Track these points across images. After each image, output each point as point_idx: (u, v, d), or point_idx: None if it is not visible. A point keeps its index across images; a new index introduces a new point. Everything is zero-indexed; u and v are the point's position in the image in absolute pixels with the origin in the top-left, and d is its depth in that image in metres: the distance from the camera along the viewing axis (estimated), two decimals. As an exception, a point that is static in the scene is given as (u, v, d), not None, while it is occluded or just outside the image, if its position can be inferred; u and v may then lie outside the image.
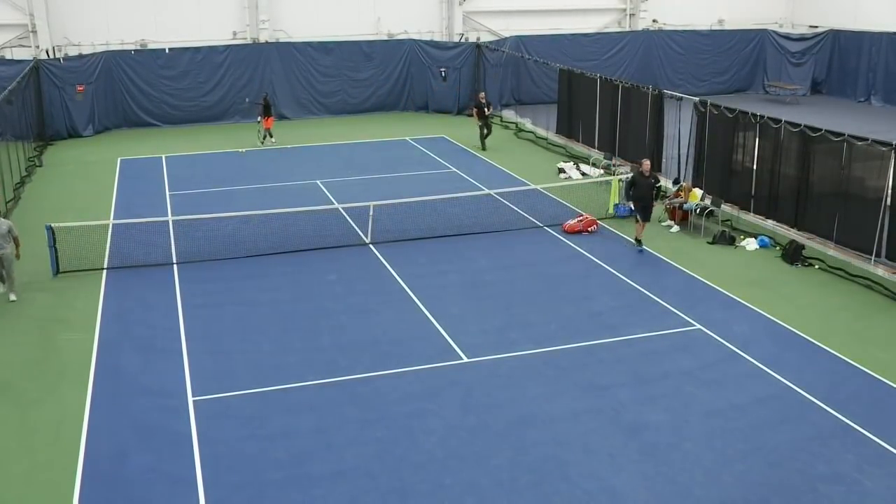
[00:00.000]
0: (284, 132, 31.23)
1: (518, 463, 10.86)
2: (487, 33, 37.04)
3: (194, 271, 17.62)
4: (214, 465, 10.83)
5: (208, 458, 10.97)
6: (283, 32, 34.49)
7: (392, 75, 35.58)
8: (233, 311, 15.64)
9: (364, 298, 16.22)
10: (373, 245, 19.03)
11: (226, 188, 24.04)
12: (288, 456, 11.03)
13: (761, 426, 11.68)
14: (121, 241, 19.12)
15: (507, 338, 14.44)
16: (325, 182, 24.51)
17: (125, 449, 11.23)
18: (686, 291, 16.50)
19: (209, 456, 11.03)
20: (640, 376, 13.12)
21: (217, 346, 14.26)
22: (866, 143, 17.56)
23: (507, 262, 18.11)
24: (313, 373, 13.23)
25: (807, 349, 14.05)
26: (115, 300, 16.21)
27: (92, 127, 31.76)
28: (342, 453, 11.10)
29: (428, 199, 21.03)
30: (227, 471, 10.72)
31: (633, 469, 10.74)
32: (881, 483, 10.42)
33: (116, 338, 14.60)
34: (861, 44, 36.88)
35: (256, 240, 19.09)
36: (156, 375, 13.22)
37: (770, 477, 10.55)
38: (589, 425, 11.74)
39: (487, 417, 11.95)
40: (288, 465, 10.85)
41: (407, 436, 11.48)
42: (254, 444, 11.30)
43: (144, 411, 12.18)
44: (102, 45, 32.21)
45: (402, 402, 12.40)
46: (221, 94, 33.60)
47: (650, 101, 24.73)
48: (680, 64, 38.99)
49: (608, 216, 21.14)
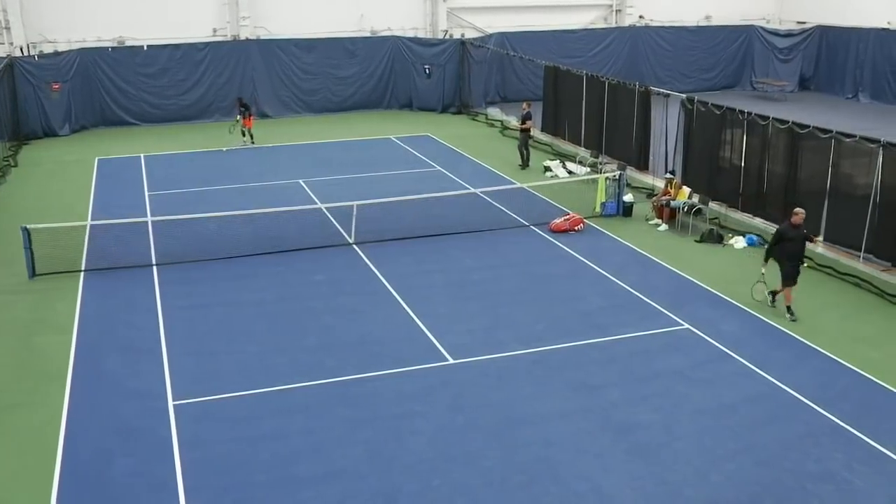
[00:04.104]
0: (266, 131, 31.17)
1: (508, 463, 10.95)
2: (472, 30, 37.14)
3: (175, 272, 17.59)
4: (199, 469, 10.84)
5: (192, 462, 10.98)
6: (264, 29, 34.44)
7: (375, 73, 35.58)
8: (216, 313, 15.64)
9: (349, 299, 16.26)
10: (357, 245, 19.06)
11: (206, 188, 23.99)
12: (274, 458, 11.07)
13: (751, 425, 11.82)
14: (99, 242, 19.03)
15: (495, 338, 14.52)
16: (308, 181, 24.50)
17: (105, 453, 11.22)
18: (674, 290, 16.64)
19: (193, 459, 11.04)
20: (629, 376, 13.24)
21: (200, 347, 14.26)
22: (854, 139, 17.77)
23: (493, 262, 18.19)
24: (300, 374, 13.27)
25: (796, 348, 14.22)
26: (94, 302, 16.17)
27: (68, 126, 31.57)
28: (330, 455, 11.15)
29: (412, 198, 21.07)
30: (211, 474, 10.74)
31: (624, 469, 10.85)
32: (871, 482, 10.57)
33: (96, 340, 14.57)
34: (849, 40, 37.21)
35: (239, 240, 19.07)
36: (137, 378, 13.21)
37: (760, 476, 10.68)
38: (579, 425, 11.84)
39: (477, 418, 12.03)
40: (274, 467, 10.88)
41: (395, 437, 11.54)
42: (239, 447, 11.32)
43: (125, 414, 12.17)
44: (79, 42, 32.03)
45: (390, 403, 12.46)
46: (201, 93, 33.47)
47: (637, 98, 24.89)
48: (667, 60, 39.18)
49: (595, 215, 21.25)
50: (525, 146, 26.29)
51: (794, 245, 15.28)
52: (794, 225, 15.27)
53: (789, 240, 15.28)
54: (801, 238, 15.36)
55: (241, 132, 29.50)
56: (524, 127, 26.32)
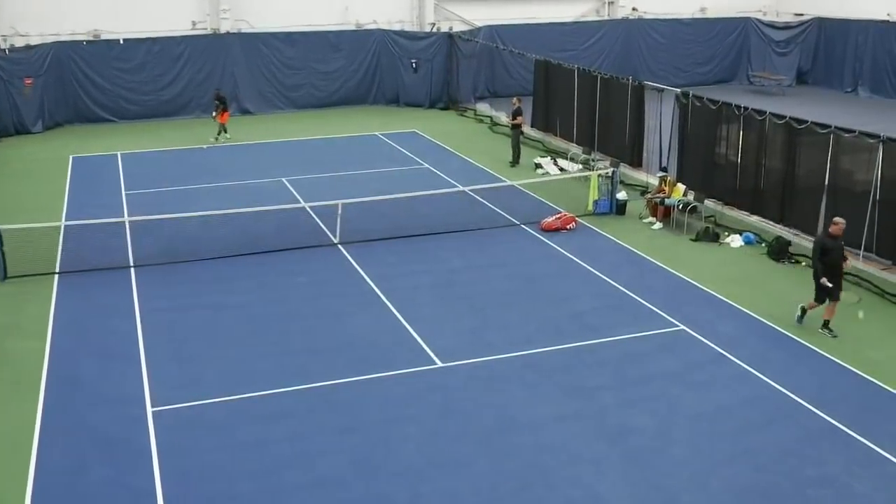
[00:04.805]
0: (247, 128, 31.15)
1: (499, 470, 10.98)
2: (460, 23, 37.16)
3: (154, 274, 17.55)
4: (179, 478, 10.82)
5: (172, 471, 10.96)
6: (245, 22, 34.34)
7: (361, 67, 35.55)
8: (196, 316, 15.62)
9: (334, 301, 16.26)
10: (342, 245, 19.06)
11: (186, 187, 23.93)
12: (258, 466, 11.06)
13: (748, 429, 11.89)
14: (74, 243, 18.97)
15: (484, 340, 14.55)
16: (291, 180, 24.48)
17: (81, 462, 11.18)
18: (669, 291, 16.71)
19: (173, 468, 11.02)
20: (623, 379, 13.30)
21: (180, 352, 14.24)
22: (854, 135, 17.89)
23: (482, 262, 18.23)
24: (284, 379, 13.25)
25: (794, 349, 14.30)
26: (68, 305, 16.12)
27: (41, 123, 31.41)
28: (316, 462, 11.16)
29: (399, 196, 21.07)
30: (192, 483, 10.73)
31: (618, 475, 10.89)
32: (871, 486, 10.65)
33: (71, 345, 14.52)
34: (848, 32, 37.40)
35: (219, 241, 19.03)
36: (114, 384, 13.17)
37: (758, 481, 10.75)
38: (572, 430, 11.88)
39: (466, 423, 12.06)
40: (258, 475, 10.88)
41: (383, 443, 11.56)
42: (222, 455, 11.31)
43: (102, 422, 12.13)
44: (52, 36, 31.83)
45: (377, 408, 12.47)
46: (180, 88, 33.36)
47: (630, 92, 24.97)
48: (661, 54, 39.30)
49: (587, 213, 21.32)
50: (516, 143, 26.34)
51: (834, 257, 14.53)
52: (834, 235, 14.63)
53: (829, 252, 14.53)
54: (840, 249, 14.64)
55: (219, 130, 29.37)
56: (515, 123, 26.38)
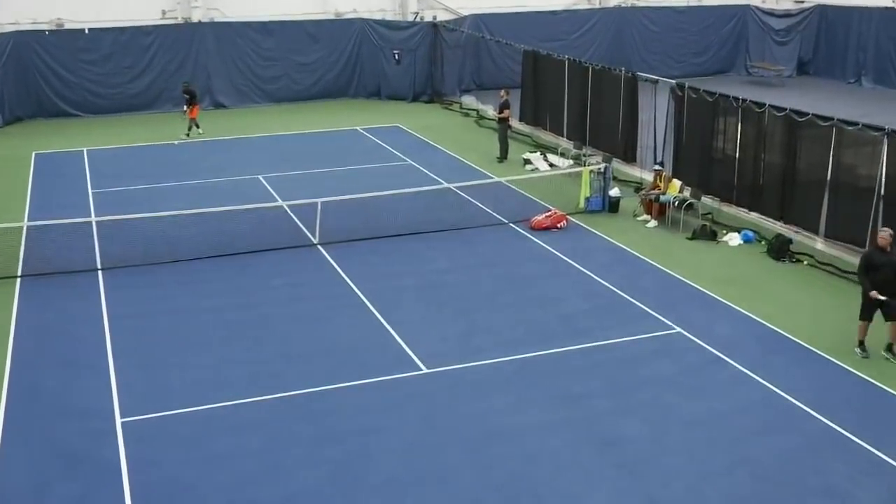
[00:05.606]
0: (222, 122, 31.04)
1: (485, 482, 10.94)
2: (444, 11, 37.13)
3: (122, 277, 17.46)
4: (148, 493, 10.74)
5: (141, 485, 10.88)
6: (218, 11, 34.24)
7: (341, 58, 35.53)
8: (166, 321, 15.54)
9: (312, 305, 16.22)
10: (321, 246, 19.02)
11: (156, 185, 23.84)
12: (231, 480, 10.99)
13: (747, 436, 11.90)
14: (37, 245, 18.85)
15: (471, 345, 14.53)
16: (268, 177, 24.42)
17: (44, 479, 11.07)
18: (664, 292, 16.73)
19: (142, 482, 10.94)
20: (615, 384, 13.29)
21: (149, 360, 14.15)
22: (857, 127, 17.94)
23: (468, 262, 18.22)
24: (258, 388, 13.19)
25: (795, 352, 14.33)
26: (30, 311, 16.01)
27: (1, 117, 31.20)
28: (292, 475, 11.10)
29: (381, 194, 21.02)
30: (162, 498, 10.65)
31: (610, 485, 10.87)
32: (875, 494, 10.66)
33: (34, 353, 14.41)
34: (850, 20, 37.59)
35: (192, 242, 18.95)
36: (79, 395, 13.09)
37: (757, 491, 10.74)
38: (561, 438, 11.86)
39: (450, 433, 12.03)
40: (231, 489, 10.81)
41: (362, 455, 11.51)
42: (192, 468, 11.24)
43: (67, 435, 12.03)
44: (12, 25, 31.57)
45: (356, 417, 12.42)
46: (150, 81, 33.24)
47: (623, 84, 24.98)
48: (655, 44, 39.42)
49: (579, 211, 21.34)
50: (504, 137, 26.32)
51: (884, 274, 13.56)
52: (881, 248, 13.67)
53: (877, 267, 13.62)
54: (892, 265, 13.54)
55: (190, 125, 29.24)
56: (502, 116, 26.37)
